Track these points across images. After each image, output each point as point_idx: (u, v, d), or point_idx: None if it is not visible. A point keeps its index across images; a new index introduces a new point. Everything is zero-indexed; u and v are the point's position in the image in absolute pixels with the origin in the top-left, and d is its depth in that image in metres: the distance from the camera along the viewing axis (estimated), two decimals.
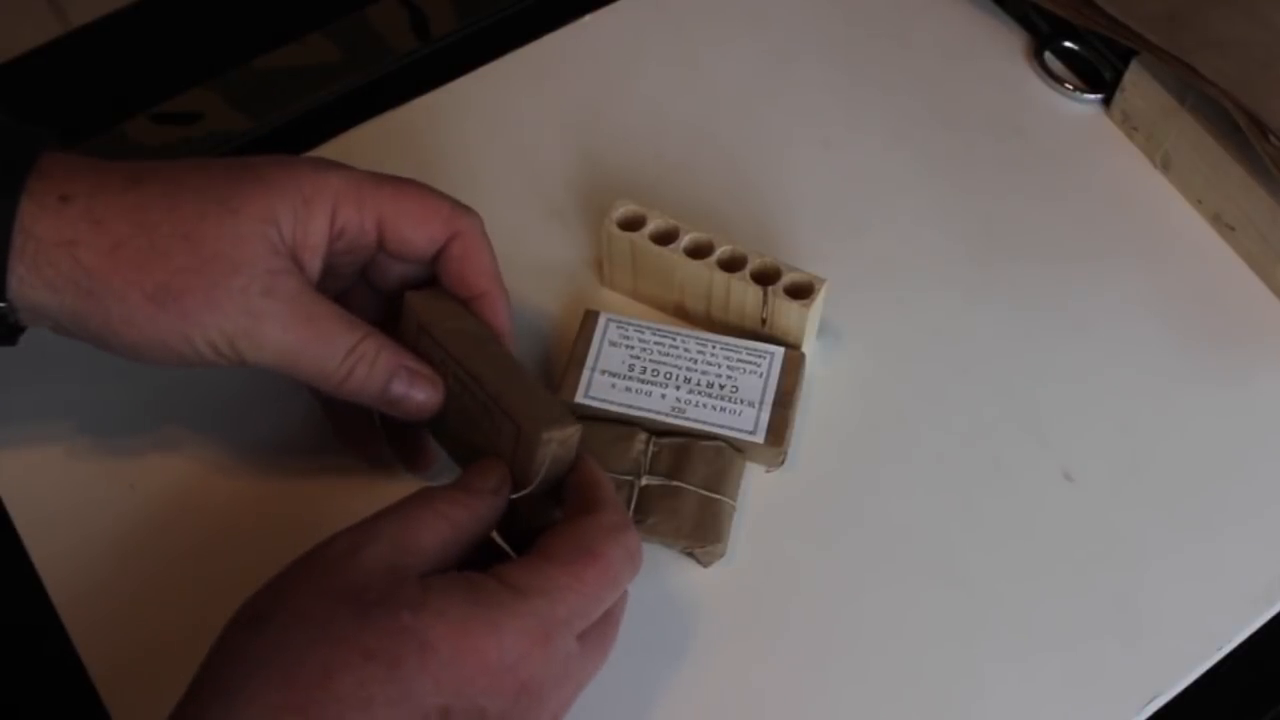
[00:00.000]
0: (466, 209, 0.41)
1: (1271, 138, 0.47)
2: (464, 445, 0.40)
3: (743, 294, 0.46)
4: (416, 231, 0.40)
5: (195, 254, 0.37)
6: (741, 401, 0.45)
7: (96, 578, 0.44)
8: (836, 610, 0.43)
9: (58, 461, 0.46)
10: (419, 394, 0.39)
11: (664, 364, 0.46)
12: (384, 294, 0.43)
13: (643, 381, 0.45)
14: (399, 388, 0.39)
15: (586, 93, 0.56)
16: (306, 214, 0.38)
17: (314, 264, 0.39)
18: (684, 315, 0.49)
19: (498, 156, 0.54)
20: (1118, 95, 0.54)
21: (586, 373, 0.45)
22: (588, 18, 0.58)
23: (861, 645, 0.42)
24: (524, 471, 0.37)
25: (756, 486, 0.45)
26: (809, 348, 0.47)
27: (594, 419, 0.45)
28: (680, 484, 0.43)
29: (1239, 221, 0.50)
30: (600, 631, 0.36)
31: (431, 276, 0.42)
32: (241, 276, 0.37)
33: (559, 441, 0.37)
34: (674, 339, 0.46)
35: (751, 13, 0.58)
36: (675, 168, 0.53)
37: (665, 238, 0.46)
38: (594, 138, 0.54)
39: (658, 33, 0.58)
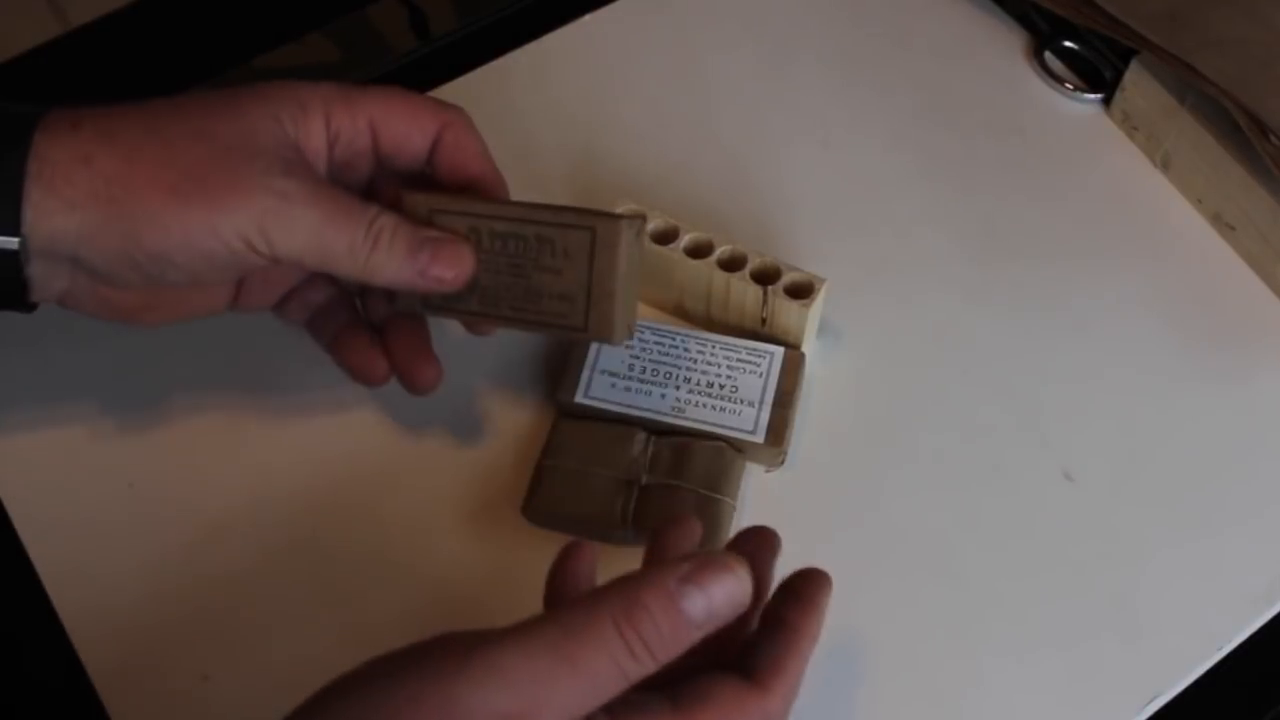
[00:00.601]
0: (452, 104, 0.42)
1: (1272, 137, 0.47)
2: (521, 303, 0.39)
3: (742, 294, 0.46)
4: (409, 125, 0.41)
5: (211, 147, 0.37)
6: (741, 401, 0.45)
7: (95, 577, 0.44)
8: (836, 610, 0.43)
9: (56, 461, 0.46)
10: (448, 255, 0.39)
11: (664, 364, 0.46)
12: None
13: (642, 381, 0.45)
14: (425, 255, 0.39)
15: (586, 92, 0.56)
16: (304, 117, 0.39)
17: (319, 167, 0.40)
18: (684, 315, 0.49)
19: (497, 156, 0.53)
20: (1118, 95, 0.54)
21: (586, 372, 0.45)
22: (587, 17, 0.58)
23: (861, 645, 0.42)
24: (608, 277, 0.38)
25: (756, 486, 0.45)
26: (809, 347, 0.47)
27: (594, 419, 0.45)
28: (680, 484, 0.43)
29: (1239, 221, 0.50)
30: None
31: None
32: (260, 161, 0.37)
33: (638, 230, 0.38)
34: (674, 338, 0.46)
35: (751, 12, 0.58)
36: (675, 167, 0.53)
37: (665, 237, 0.46)
38: (594, 137, 0.54)
39: (657, 32, 0.58)
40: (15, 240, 0.36)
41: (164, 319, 0.41)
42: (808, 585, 0.34)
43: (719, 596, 0.29)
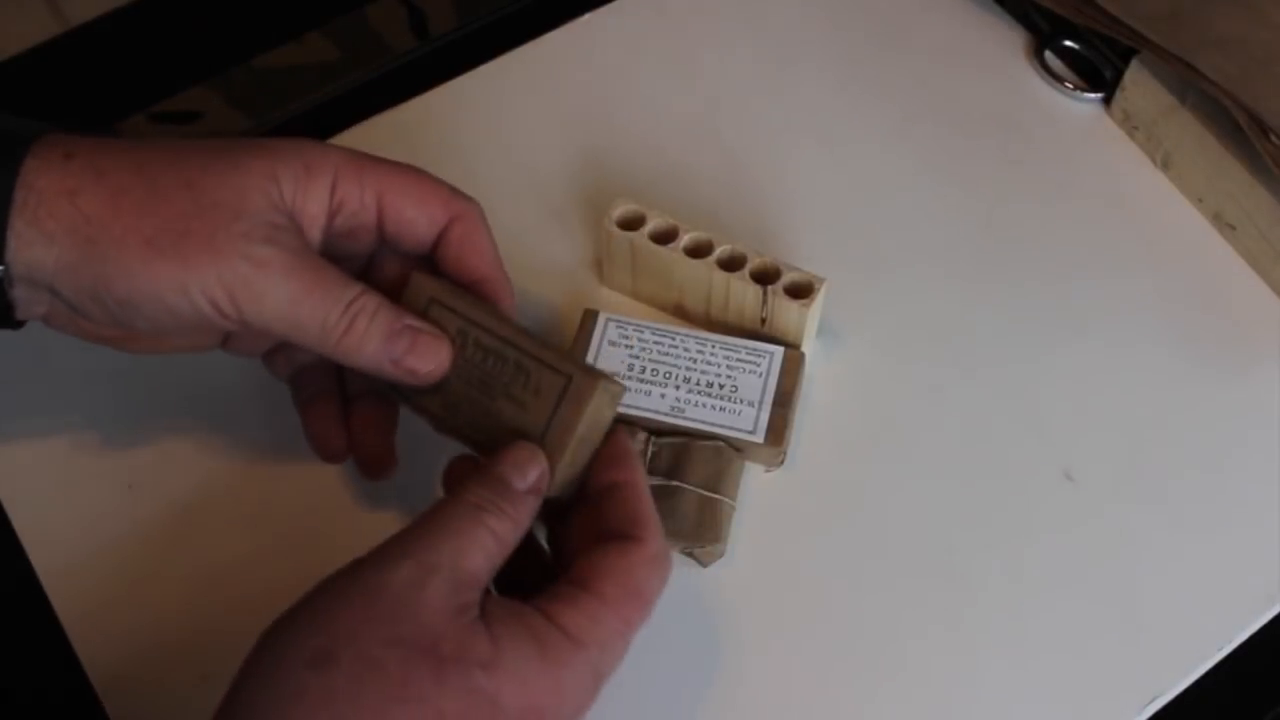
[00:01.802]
0: (466, 195, 0.41)
1: (1272, 136, 0.47)
2: (478, 420, 0.39)
3: (742, 293, 0.46)
4: (417, 211, 0.40)
5: (196, 201, 0.36)
6: (741, 401, 0.45)
7: (94, 578, 0.44)
8: (836, 610, 0.43)
9: (56, 462, 0.46)
10: (425, 350, 0.38)
11: (663, 364, 0.46)
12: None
13: (642, 381, 0.45)
14: (402, 344, 0.38)
15: (586, 92, 0.55)
16: (308, 180, 0.38)
17: (313, 234, 0.39)
18: (683, 315, 0.49)
19: (497, 156, 0.54)
20: (1118, 94, 0.54)
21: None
22: (587, 16, 0.58)
23: (861, 645, 0.42)
24: (566, 430, 0.37)
25: (756, 486, 0.45)
26: (809, 347, 0.47)
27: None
28: (680, 484, 0.43)
29: (1239, 220, 0.50)
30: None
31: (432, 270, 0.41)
32: (243, 223, 0.36)
33: (612, 395, 0.37)
34: (673, 338, 0.46)
35: (751, 11, 0.58)
36: (675, 167, 0.53)
37: (665, 237, 0.46)
38: (593, 137, 0.54)
39: (657, 32, 0.57)
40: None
41: (147, 351, 0.41)
42: (608, 449, 0.38)
43: (530, 468, 0.36)
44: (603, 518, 0.36)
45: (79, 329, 0.39)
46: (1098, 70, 0.56)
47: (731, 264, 0.46)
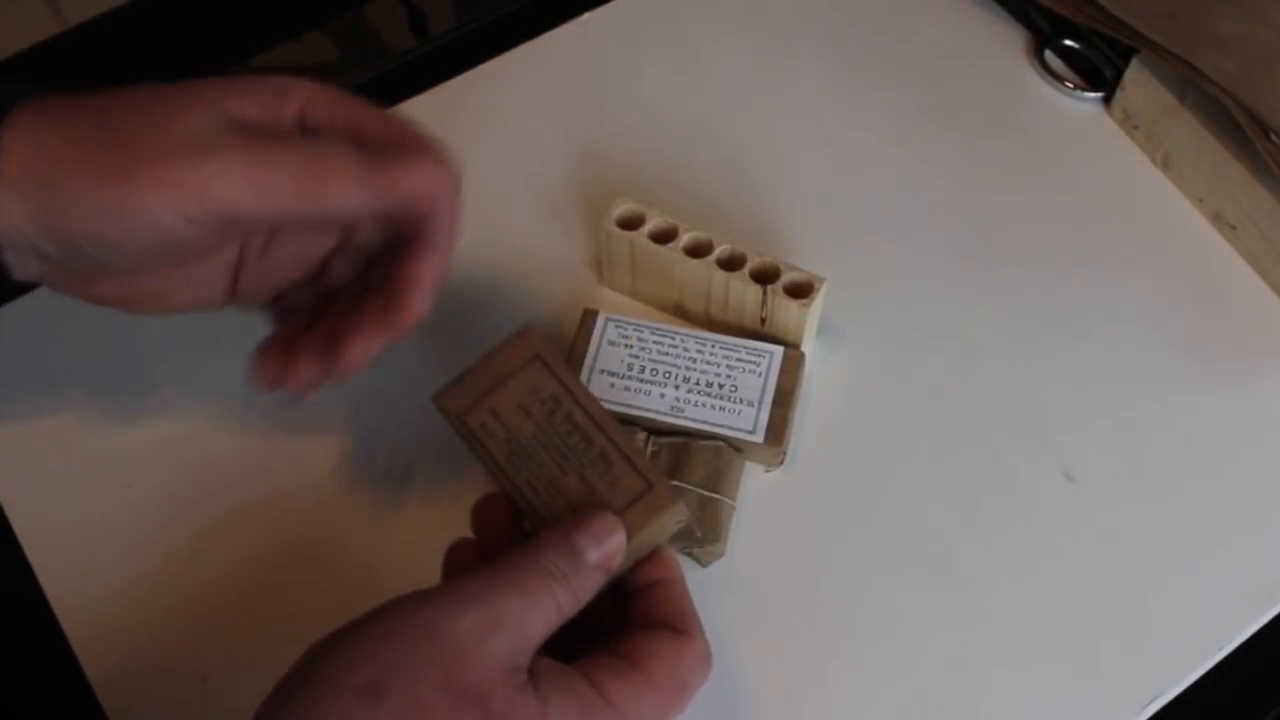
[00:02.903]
0: (445, 151, 0.39)
1: (1272, 135, 0.47)
2: (540, 486, 0.38)
3: (742, 293, 0.46)
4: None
5: (147, 122, 0.35)
6: (741, 401, 0.45)
7: (93, 578, 0.43)
8: (836, 610, 0.43)
9: (54, 462, 0.46)
10: (411, 164, 0.37)
11: (663, 363, 0.46)
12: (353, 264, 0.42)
13: (642, 381, 0.45)
14: (379, 163, 0.36)
15: (585, 91, 0.55)
16: (277, 103, 0.37)
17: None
18: (683, 314, 0.49)
19: (496, 155, 0.53)
20: (1118, 93, 0.54)
21: (585, 372, 0.45)
22: (586, 16, 0.58)
23: (861, 645, 0.42)
24: (631, 530, 0.36)
25: (756, 486, 0.45)
26: (808, 347, 0.47)
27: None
28: (679, 483, 0.43)
29: (1240, 220, 0.50)
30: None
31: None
32: (192, 126, 0.35)
33: (679, 520, 0.37)
34: (673, 338, 0.46)
35: (750, 10, 0.58)
36: (674, 166, 0.53)
37: (664, 237, 0.46)
38: (593, 136, 0.54)
39: (657, 31, 0.57)
40: None
41: (151, 310, 0.40)
42: (650, 560, 0.38)
43: (609, 544, 0.36)
44: (648, 609, 0.36)
45: (74, 286, 0.38)
46: (1098, 70, 0.55)
47: (731, 263, 0.46)
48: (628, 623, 0.36)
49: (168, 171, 0.35)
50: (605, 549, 0.35)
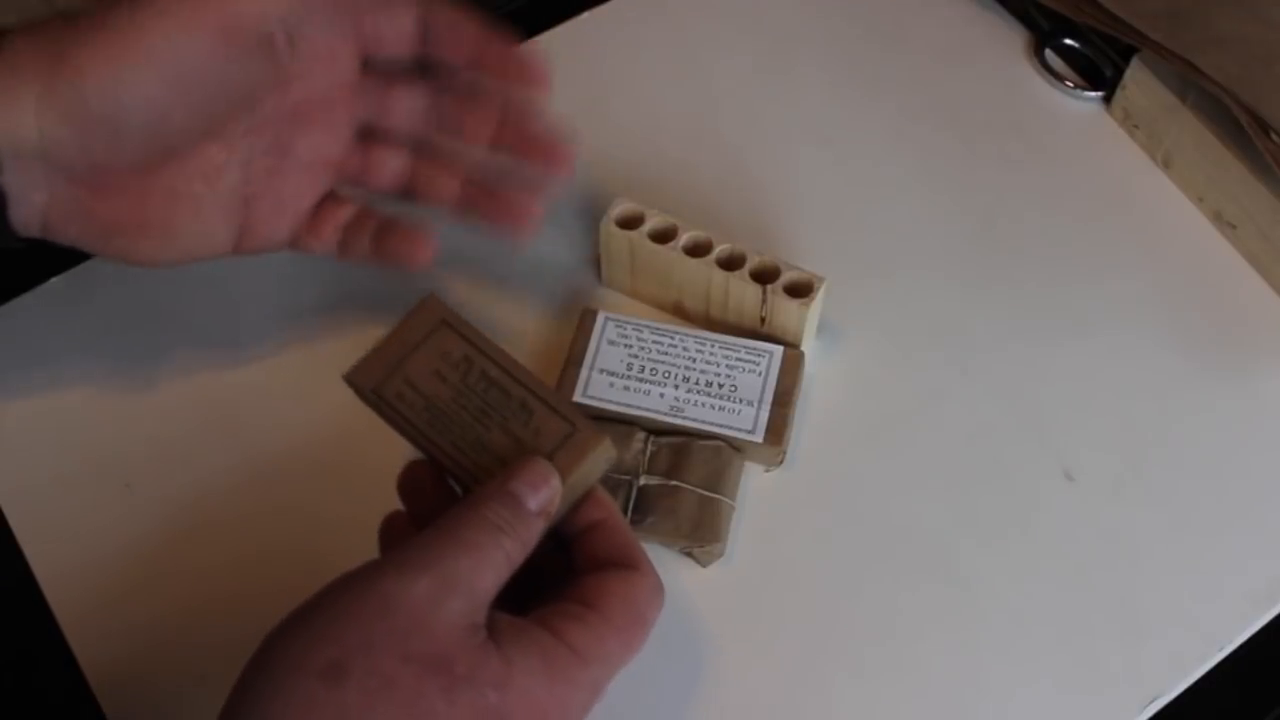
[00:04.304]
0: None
1: (1273, 135, 0.47)
2: (465, 446, 0.38)
3: (741, 292, 0.46)
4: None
5: None
6: (740, 400, 0.45)
7: (91, 578, 0.43)
8: (836, 610, 0.43)
9: (54, 462, 0.46)
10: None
11: (662, 363, 0.46)
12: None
13: (641, 380, 0.45)
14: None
15: (584, 90, 0.55)
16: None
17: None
18: (683, 314, 0.49)
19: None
20: (1119, 93, 0.54)
21: (585, 371, 0.45)
22: (585, 15, 0.58)
23: (861, 645, 0.42)
24: (560, 474, 0.37)
25: (756, 486, 0.45)
26: (808, 346, 0.47)
27: (592, 418, 0.45)
28: (679, 483, 0.43)
29: (1240, 219, 0.50)
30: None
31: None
32: None
33: (608, 457, 0.37)
34: (672, 338, 0.46)
35: (750, 9, 0.58)
36: (674, 166, 0.53)
37: (664, 236, 0.46)
38: (592, 136, 0.54)
39: (656, 30, 0.57)
40: None
41: (156, 252, 0.39)
42: (586, 504, 0.38)
43: (545, 489, 0.36)
44: (593, 551, 0.37)
45: (84, 216, 0.37)
46: (1098, 69, 0.55)
47: (731, 263, 0.46)
48: (574, 569, 0.36)
49: None
50: (542, 495, 0.35)
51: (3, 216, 0.36)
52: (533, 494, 0.35)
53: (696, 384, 0.45)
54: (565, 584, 0.36)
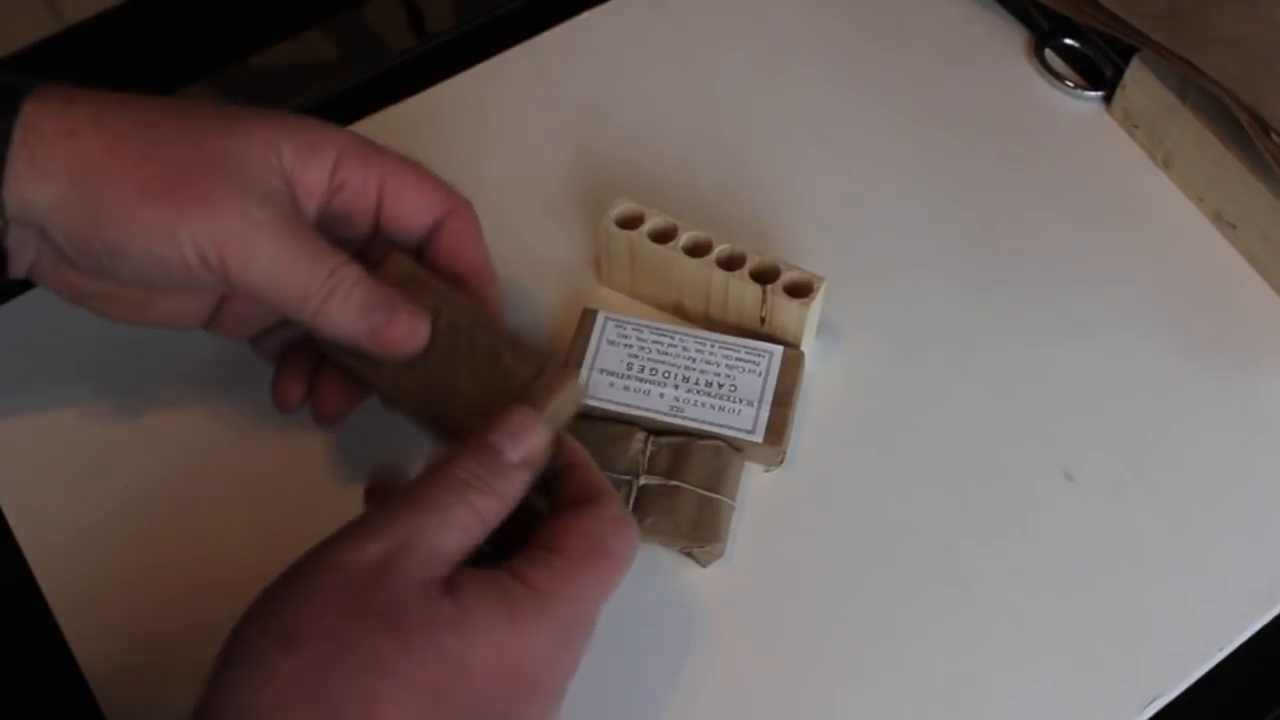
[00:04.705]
0: (459, 194, 0.41)
1: (1273, 135, 0.47)
2: (437, 397, 0.38)
3: (741, 292, 0.46)
4: (417, 199, 0.40)
5: (195, 155, 0.36)
6: (740, 400, 0.45)
7: (90, 577, 0.43)
8: (836, 610, 0.43)
9: (52, 462, 0.46)
10: (403, 324, 0.38)
11: (662, 363, 0.45)
12: None
13: (641, 380, 0.45)
14: (379, 316, 0.38)
15: (584, 90, 0.55)
16: (310, 155, 0.38)
17: (309, 208, 0.39)
18: (682, 314, 0.49)
19: (495, 154, 0.53)
20: (1119, 93, 0.54)
21: (584, 371, 0.45)
22: (585, 14, 0.58)
23: (861, 645, 0.42)
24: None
25: (755, 486, 0.45)
26: (808, 346, 0.47)
27: (592, 418, 0.45)
28: (679, 483, 0.43)
29: (1240, 219, 0.50)
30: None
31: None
32: (240, 182, 0.36)
33: (579, 392, 0.37)
34: (672, 338, 0.46)
35: (750, 9, 0.58)
36: (674, 165, 0.53)
37: (664, 236, 0.46)
38: (592, 135, 0.54)
39: (656, 30, 0.57)
40: None
41: (128, 318, 0.40)
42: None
43: (528, 438, 0.35)
44: (561, 496, 0.37)
45: (63, 281, 0.38)
46: (1098, 69, 0.55)
47: (731, 263, 0.46)
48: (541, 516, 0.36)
49: (210, 224, 0.36)
50: (524, 445, 0.35)
51: (1, 268, 0.37)
52: (512, 444, 0.35)
53: (696, 384, 0.45)
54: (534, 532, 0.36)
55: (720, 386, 0.45)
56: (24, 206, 0.36)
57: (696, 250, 0.46)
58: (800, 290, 0.45)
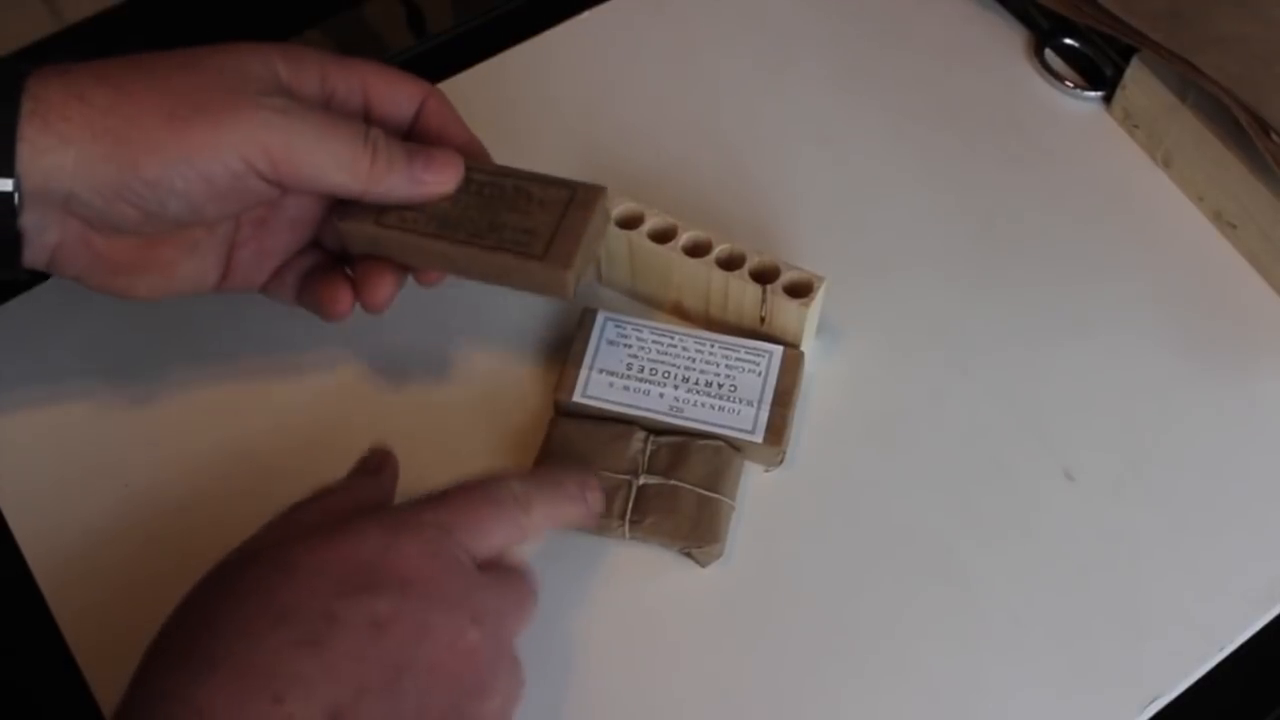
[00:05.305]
0: (427, 82, 0.43)
1: (1273, 135, 0.47)
2: (480, 233, 0.41)
3: (741, 292, 0.45)
4: (399, 91, 0.42)
5: (202, 77, 0.37)
6: (740, 400, 0.45)
7: (90, 578, 0.43)
8: (836, 611, 0.43)
9: (53, 461, 0.46)
10: (443, 162, 0.41)
11: (662, 363, 0.45)
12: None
13: (641, 380, 0.45)
14: (420, 161, 0.40)
15: (584, 90, 0.55)
16: (300, 69, 0.40)
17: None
18: (682, 314, 0.49)
19: (495, 154, 0.53)
20: (1119, 92, 0.54)
21: (584, 371, 0.45)
22: (585, 14, 0.58)
23: (860, 646, 0.42)
24: (577, 230, 0.40)
25: (755, 486, 0.45)
26: (808, 346, 0.47)
27: (592, 418, 0.45)
28: (678, 483, 0.43)
29: (1240, 219, 0.50)
30: (506, 568, 0.37)
31: None
32: (256, 83, 0.38)
33: (608, 208, 0.41)
34: (672, 338, 0.46)
35: (750, 9, 0.58)
36: (673, 165, 0.53)
37: (663, 236, 0.46)
38: (592, 135, 0.54)
39: (656, 30, 0.57)
40: (9, 182, 0.35)
41: (152, 289, 0.40)
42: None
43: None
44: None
45: (90, 257, 0.39)
46: (1098, 69, 0.55)
47: (730, 263, 0.46)
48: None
49: (248, 127, 0.37)
50: (590, 495, 0.39)
51: (16, 253, 0.37)
52: (580, 489, 0.39)
53: (696, 384, 0.45)
54: None
55: (720, 386, 0.45)
56: (47, 176, 0.36)
57: (696, 250, 0.46)
58: (800, 290, 0.45)
